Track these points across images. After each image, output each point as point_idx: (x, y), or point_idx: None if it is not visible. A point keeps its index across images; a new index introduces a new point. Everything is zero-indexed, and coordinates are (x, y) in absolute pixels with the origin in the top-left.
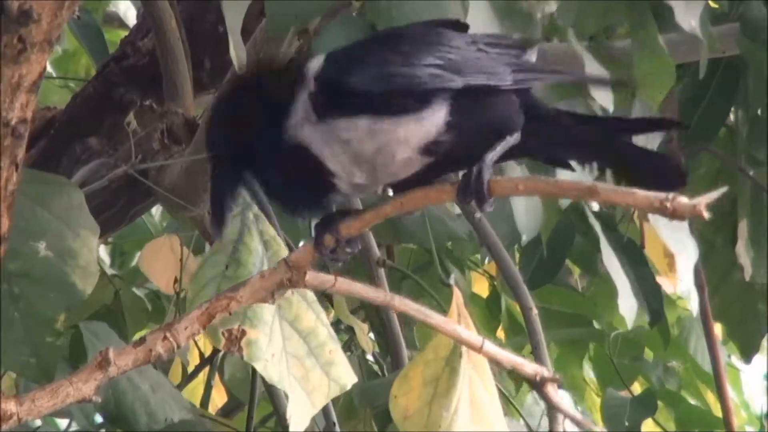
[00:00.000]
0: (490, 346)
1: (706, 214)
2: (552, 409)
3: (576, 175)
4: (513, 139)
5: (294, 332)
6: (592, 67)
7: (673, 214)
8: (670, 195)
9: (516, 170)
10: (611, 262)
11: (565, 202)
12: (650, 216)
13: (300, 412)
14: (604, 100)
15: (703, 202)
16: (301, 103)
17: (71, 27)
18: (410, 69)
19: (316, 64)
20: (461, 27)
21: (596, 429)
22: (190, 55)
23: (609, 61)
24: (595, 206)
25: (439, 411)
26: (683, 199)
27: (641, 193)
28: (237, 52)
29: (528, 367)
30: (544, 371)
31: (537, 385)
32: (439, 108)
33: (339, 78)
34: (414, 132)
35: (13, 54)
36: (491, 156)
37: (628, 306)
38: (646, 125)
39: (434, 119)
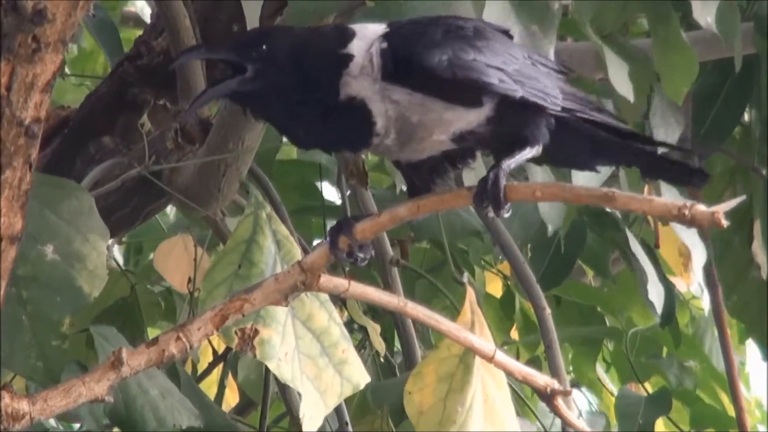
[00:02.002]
0: (501, 356)
1: (725, 223)
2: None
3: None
4: (534, 151)
5: (307, 331)
6: (613, 62)
7: (692, 222)
8: (689, 203)
9: (538, 174)
10: (638, 249)
11: None
12: None
13: (313, 412)
14: (624, 90)
15: (721, 210)
16: (361, 58)
17: (86, 25)
18: (483, 67)
19: (374, 27)
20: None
21: None
22: None
23: (624, 58)
24: None
25: (453, 407)
26: (701, 207)
27: (659, 201)
28: None
29: (539, 379)
30: (555, 384)
31: (547, 397)
32: (488, 103)
33: (415, 51)
34: (458, 118)
35: (27, 53)
36: (508, 163)
37: (656, 292)
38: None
39: (480, 111)
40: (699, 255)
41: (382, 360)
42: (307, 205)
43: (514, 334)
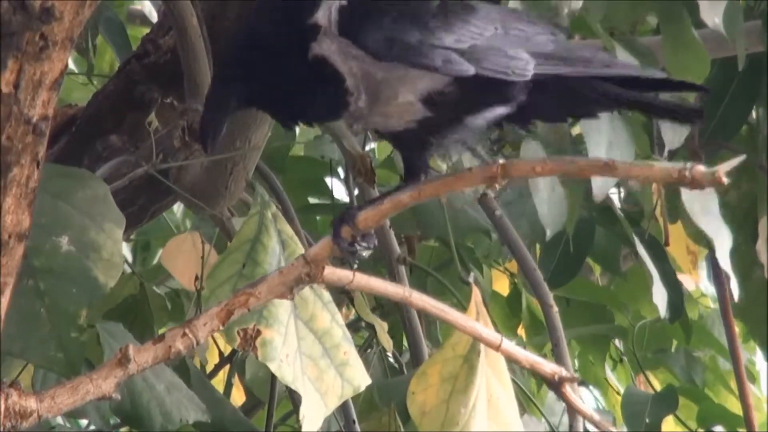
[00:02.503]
0: (508, 345)
1: (726, 180)
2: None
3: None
4: (507, 109)
5: (309, 332)
6: (623, 56)
7: (693, 184)
8: (688, 164)
9: (537, 153)
10: (642, 250)
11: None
12: (685, 202)
13: (313, 413)
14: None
15: (722, 169)
16: (324, 17)
17: (95, 22)
18: (428, 49)
19: None
20: None
21: (614, 430)
22: (210, 53)
23: (633, 54)
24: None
25: (456, 408)
26: (701, 168)
27: (659, 166)
28: None
29: (546, 366)
30: (562, 371)
31: (554, 385)
32: None
33: (358, 30)
34: (423, 74)
35: (35, 51)
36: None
37: (660, 294)
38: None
39: None
40: (724, 242)
41: (390, 358)
42: (315, 203)
43: (521, 332)
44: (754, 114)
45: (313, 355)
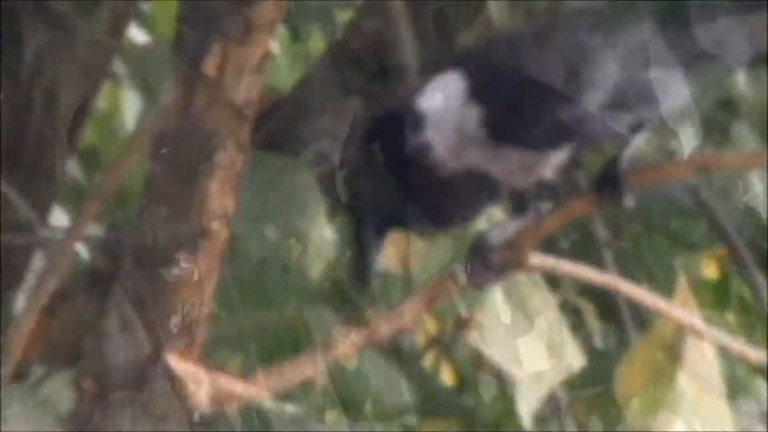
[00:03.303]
0: (715, 333)
1: None
2: None
3: None
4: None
5: (521, 314)
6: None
7: None
8: None
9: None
10: None
11: None
12: None
13: (528, 395)
14: None
15: None
16: (452, 129)
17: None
18: (587, 124)
19: (451, 88)
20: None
21: None
22: (416, 37)
23: None
24: None
25: (662, 393)
26: None
27: None
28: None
29: (755, 354)
30: None
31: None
32: None
33: (513, 132)
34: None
35: (238, 35)
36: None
37: None
38: None
39: None
40: None
41: (598, 342)
42: None
43: (730, 318)
44: None
45: (525, 336)
